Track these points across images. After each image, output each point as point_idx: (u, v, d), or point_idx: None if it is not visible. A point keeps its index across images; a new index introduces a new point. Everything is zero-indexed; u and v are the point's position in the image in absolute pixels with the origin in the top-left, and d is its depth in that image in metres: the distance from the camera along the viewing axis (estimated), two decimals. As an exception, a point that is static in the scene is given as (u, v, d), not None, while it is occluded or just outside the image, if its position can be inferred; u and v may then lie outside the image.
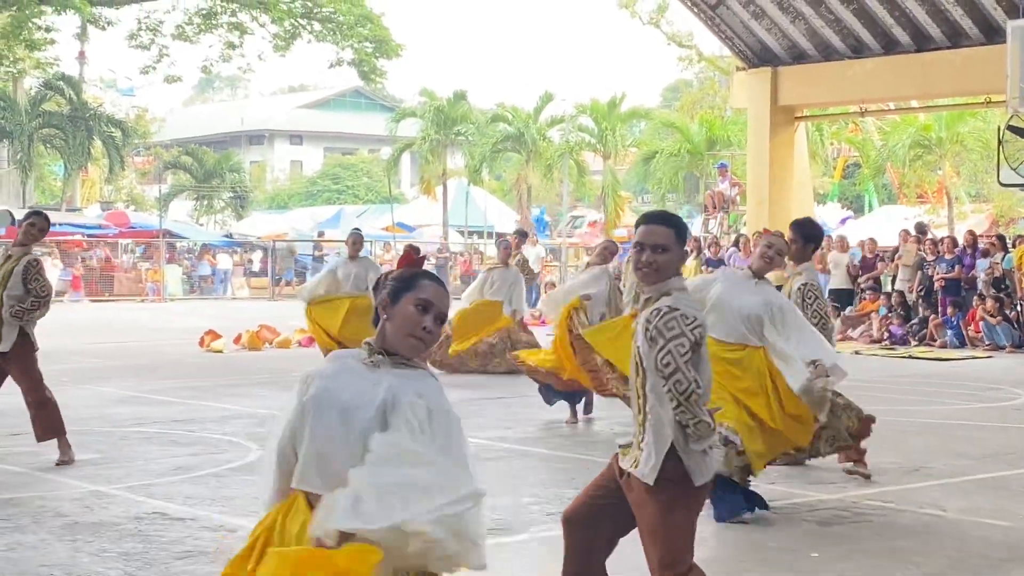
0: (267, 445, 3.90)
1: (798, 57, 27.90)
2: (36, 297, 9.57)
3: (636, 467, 5.52)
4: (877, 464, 9.72)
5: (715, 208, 30.93)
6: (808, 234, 9.28)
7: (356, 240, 15.86)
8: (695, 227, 31.11)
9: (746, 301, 7.33)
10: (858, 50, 26.97)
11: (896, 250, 24.63)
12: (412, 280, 3.72)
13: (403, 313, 3.69)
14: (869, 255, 25.28)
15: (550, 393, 12.90)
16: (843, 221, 35.37)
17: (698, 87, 54.52)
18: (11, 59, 47.57)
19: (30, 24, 45.09)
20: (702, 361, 5.29)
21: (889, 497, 9.10)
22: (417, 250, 4.24)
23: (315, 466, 3.59)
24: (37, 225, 9.57)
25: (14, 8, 43.00)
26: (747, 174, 29.96)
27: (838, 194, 40.54)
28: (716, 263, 25.18)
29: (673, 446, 5.39)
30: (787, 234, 9.56)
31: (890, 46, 26.42)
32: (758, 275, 7.57)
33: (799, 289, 8.93)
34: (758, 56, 28.48)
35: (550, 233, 45.82)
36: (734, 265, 24.28)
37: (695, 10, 28.73)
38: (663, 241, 5.37)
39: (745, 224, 29.16)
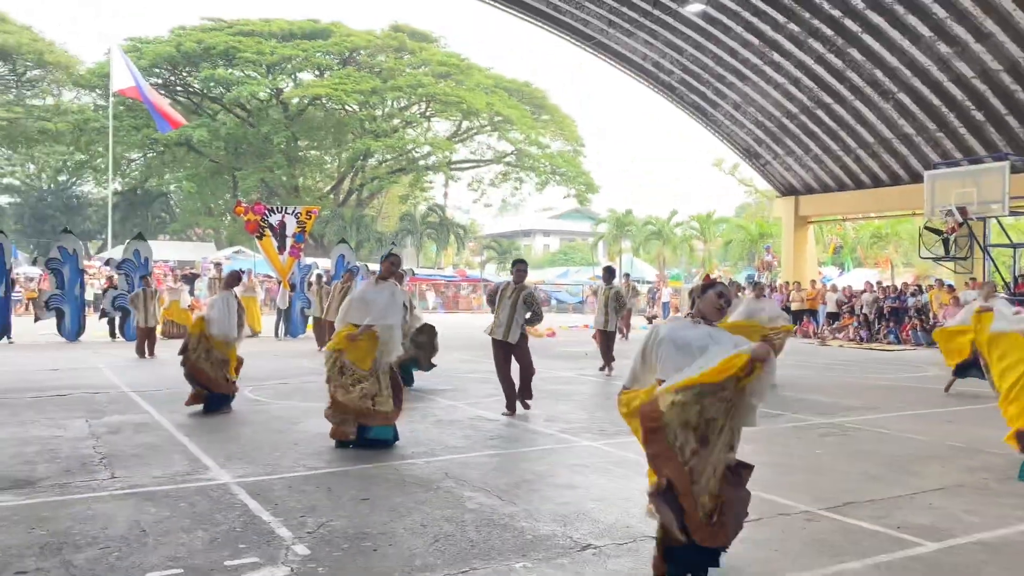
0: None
1: (809, 190, 27.86)
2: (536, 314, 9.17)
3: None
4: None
5: (763, 268, 30.65)
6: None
7: None
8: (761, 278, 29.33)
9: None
10: (843, 186, 26.56)
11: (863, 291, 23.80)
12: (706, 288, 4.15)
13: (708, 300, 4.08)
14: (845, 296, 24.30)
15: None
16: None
17: (755, 206, 51.40)
18: (413, 196, 52.51)
19: (422, 181, 50.81)
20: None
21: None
22: (707, 278, 4.67)
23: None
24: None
25: (413, 174, 48.51)
26: (782, 251, 29.93)
27: (830, 262, 38.48)
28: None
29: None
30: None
31: (860, 184, 26.06)
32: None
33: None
34: (787, 189, 28.65)
35: None
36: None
37: (754, 164, 29.20)
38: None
39: (778, 277, 29.15)
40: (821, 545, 4.61)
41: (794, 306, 24.37)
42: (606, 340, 13.15)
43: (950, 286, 21.44)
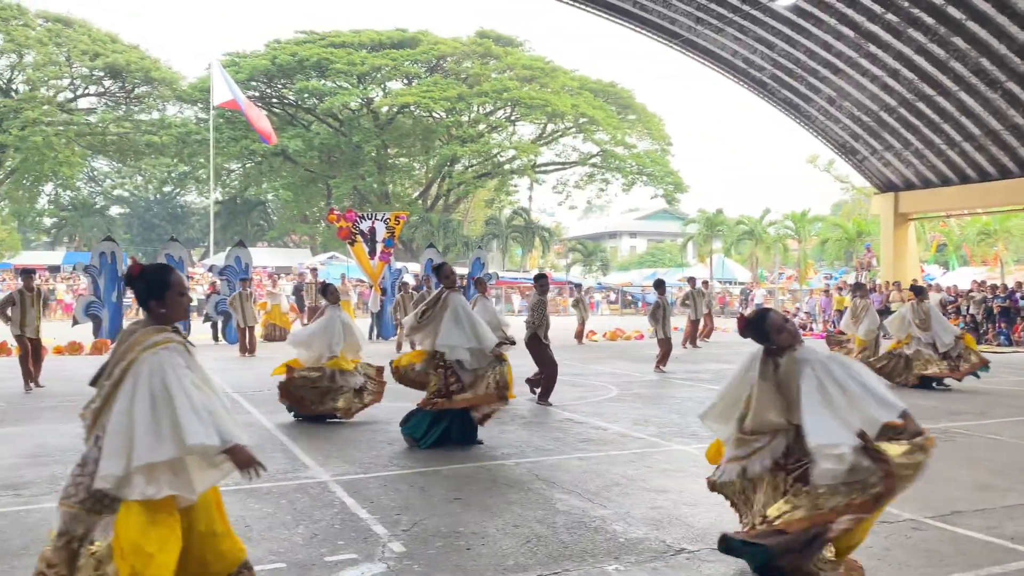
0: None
1: (910, 186, 27.12)
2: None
3: None
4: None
5: (862, 267, 31.40)
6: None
7: None
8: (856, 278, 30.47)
9: None
10: (946, 181, 25.80)
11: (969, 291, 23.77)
12: None
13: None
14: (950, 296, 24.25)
15: None
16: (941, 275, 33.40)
17: (851, 203, 51.08)
18: (499, 200, 53.05)
19: (508, 185, 51.15)
20: None
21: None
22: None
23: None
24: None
25: (499, 178, 49.03)
26: (881, 250, 29.65)
27: (933, 260, 37.81)
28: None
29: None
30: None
31: (965, 178, 25.26)
32: None
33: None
34: (886, 185, 27.96)
35: None
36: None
37: (850, 161, 28.30)
38: None
39: (877, 276, 29.18)
40: (928, 555, 4.47)
41: (894, 306, 23.30)
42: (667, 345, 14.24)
43: (1067, 284, 21.18)
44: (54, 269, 38.65)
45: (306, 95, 46.96)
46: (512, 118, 49.27)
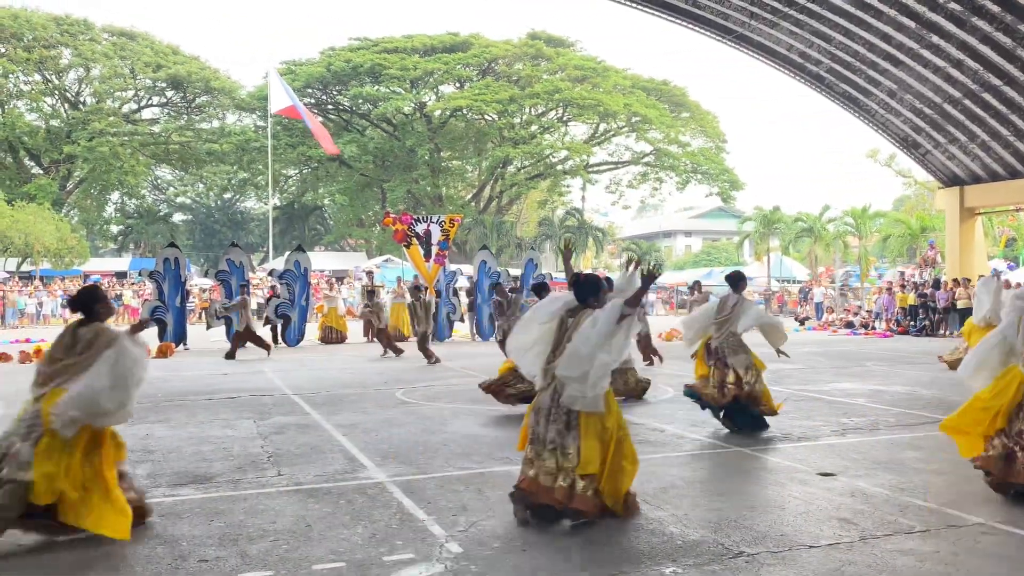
0: None
1: (976, 179, 26.58)
2: None
3: None
4: None
5: (925, 264, 29.80)
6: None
7: None
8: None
9: None
10: (1015, 173, 24.91)
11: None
12: None
13: None
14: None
15: None
16: (1010, 267, 31.64)
17: (914, 198, 50.06)
18: (551, 201, 53.45)
19: (560, 185, 51.21)
20: None
21: None
22: None
23: None
24: None
25: (551, 179, 49.13)
26: (947, 246, 28.76)
27: (1001, 255, 35.17)
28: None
29: None
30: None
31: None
32: None
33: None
34: (951, 180, 27.51)
35: None
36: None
37: (913, 155, 27.76)
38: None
39: (943, 273, 27.91)
40: (999, 560, 4.34)
41: (960, 303, 23.36)
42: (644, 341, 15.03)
43: None
44: (121, 275, 39.86)
45: (360, 101, 47.89)
46: (564, 119, 49.28)
